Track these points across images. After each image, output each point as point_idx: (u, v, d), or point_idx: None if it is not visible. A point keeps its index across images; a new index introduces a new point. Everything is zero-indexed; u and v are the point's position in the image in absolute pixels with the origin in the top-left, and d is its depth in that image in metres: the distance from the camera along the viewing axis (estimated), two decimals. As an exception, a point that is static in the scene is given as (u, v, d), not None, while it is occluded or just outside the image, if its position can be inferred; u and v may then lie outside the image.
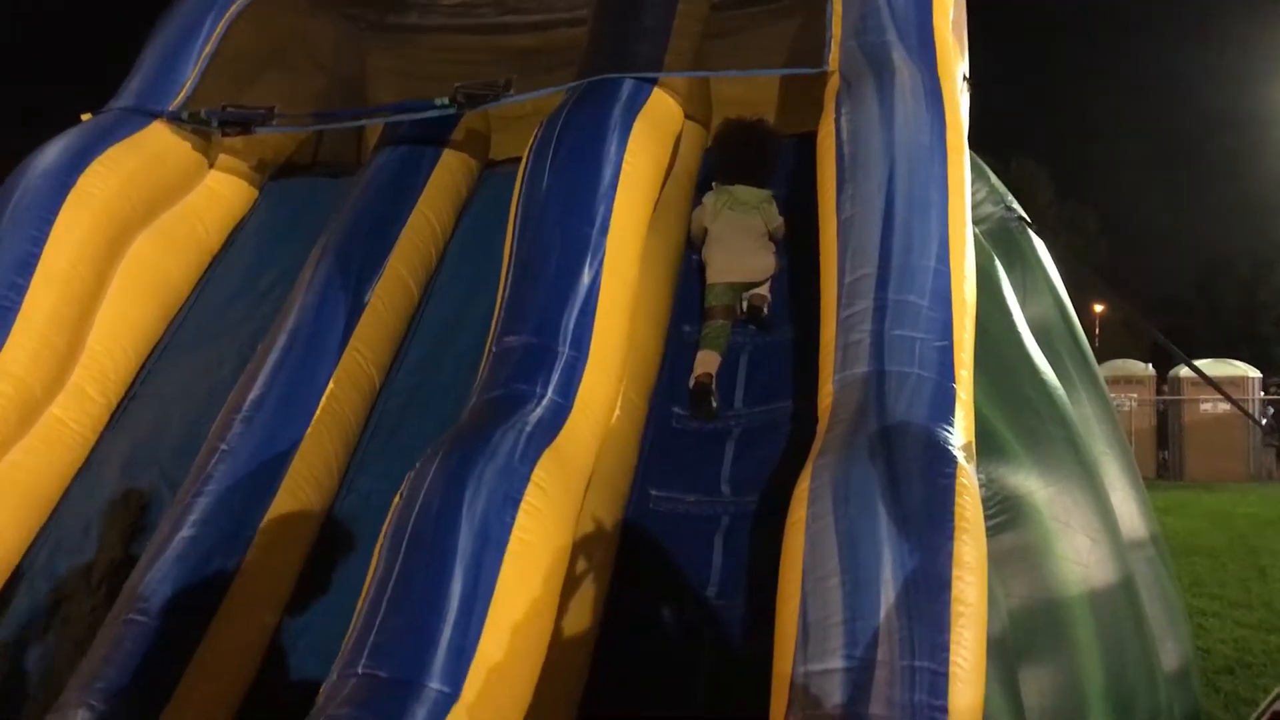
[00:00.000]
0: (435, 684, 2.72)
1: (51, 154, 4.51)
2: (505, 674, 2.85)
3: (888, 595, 2.73)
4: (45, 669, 3.74)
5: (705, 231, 4.50)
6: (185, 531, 3.57)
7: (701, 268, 4.48)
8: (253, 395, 3.93)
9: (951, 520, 2.86)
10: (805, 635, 2.75)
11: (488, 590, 2.88)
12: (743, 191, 4.51)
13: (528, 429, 3.27)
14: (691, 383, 4.13)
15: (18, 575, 4.00)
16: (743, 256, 4.39)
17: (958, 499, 2.92)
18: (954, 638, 2.67)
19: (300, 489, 3.81)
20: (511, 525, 3.00)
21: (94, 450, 4.33)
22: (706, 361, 4.17)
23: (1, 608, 3.92)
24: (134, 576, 3.55)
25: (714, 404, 4.09)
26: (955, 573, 2.77)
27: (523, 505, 3.04)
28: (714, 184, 4.59)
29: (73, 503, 4.20)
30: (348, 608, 3.18)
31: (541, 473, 3.15)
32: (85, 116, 4.89)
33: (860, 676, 2.64)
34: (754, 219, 4.45)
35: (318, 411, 3.96)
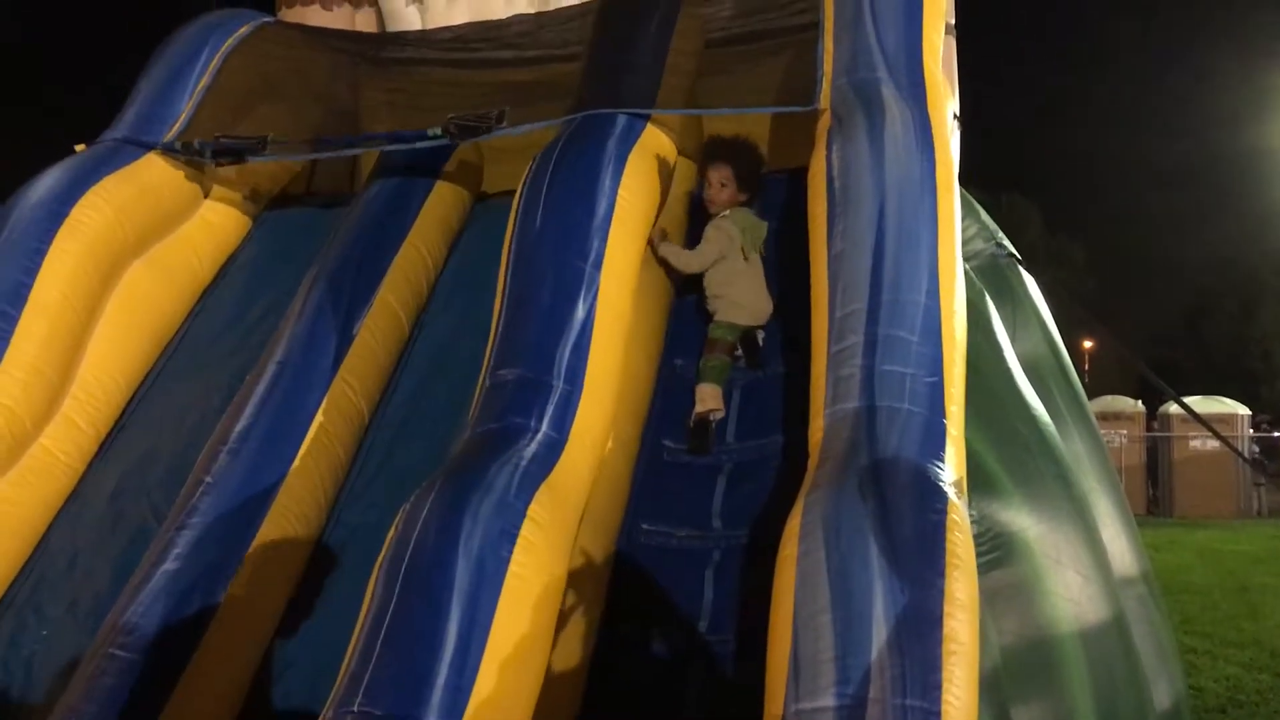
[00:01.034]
0: (434, 720, 2.70)
1: (45, 184, 4.51)
2: (501, 710, 2.83)
3: (879, 632, 2.72)
4: (27, 703, 3.70)
5: (717, 258, 4.36)
6: (168, 565, 3.54)
7: (699, 295, 4.42)
8: (239, 427, 3.91)
9: (943, 557, 2.86)
10: (796, 672, 2.74)
11: (484, 627, 2.86)
12: (758, 228, 4.42)
13: (523, 464, 3.27)
14: (694, 418, 4.08)
15: (2, 608, 3.97)
16: (760, 301, 4.33)
17: (949, 535, 2.91)
18: (946, 676, 2.66)
19: (287, 521, 3.78)
20: (508, 561, 2.99)
21: (82, 481, 4.31)
22: (712, 396, 4.10)
23: (-16, 640, 3.88)
24: (115, 610, 3.51)
25: (713, 439, 4.06)
26: (947, 610, 2.76)
27: (519, 540, 3.03)
28: (731, 210, 4.44)
29: (59, 534, 4.17)
30: (334, 641, 3.16)
31: (537, 508, 3.14)
32: (80, 147, 4.90)
33: (852, 714, 2.62)
34: (760, 262, 4.40)
35: (305, 443, 3.94)
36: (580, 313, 3.74)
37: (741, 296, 4.31)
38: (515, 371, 3.61)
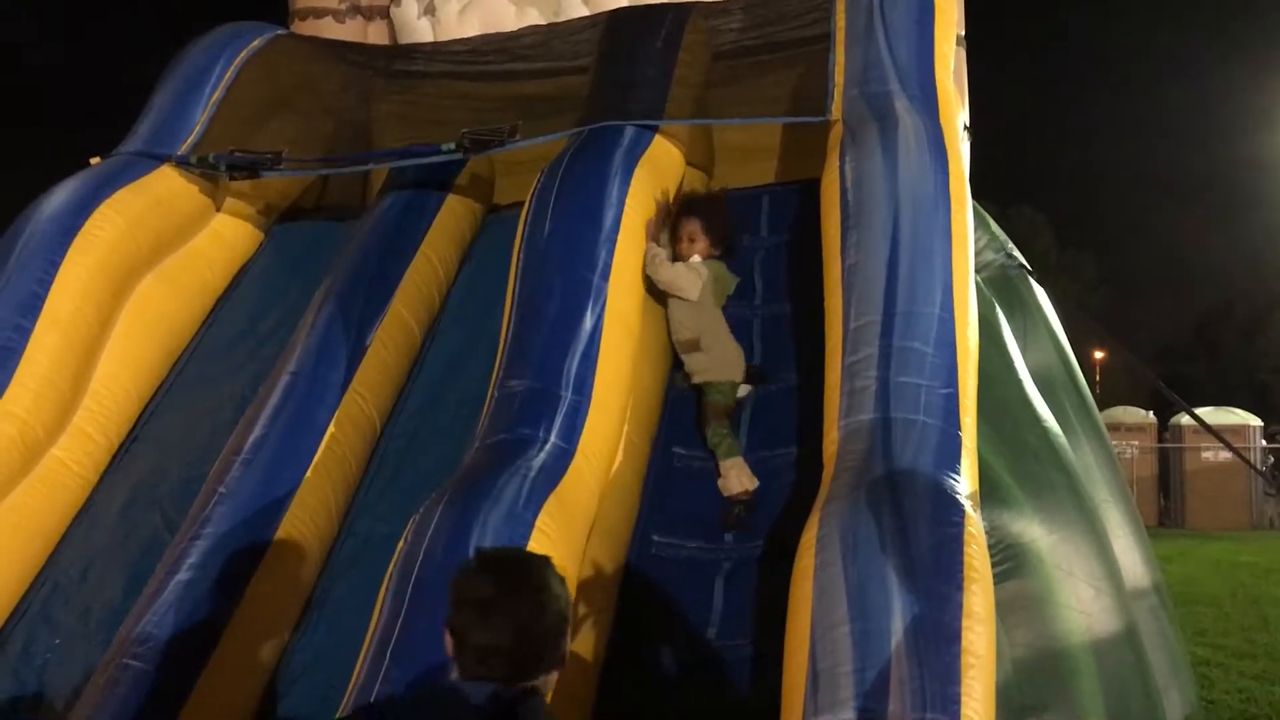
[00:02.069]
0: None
1: (59, 197, 4.54)
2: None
3: (897, 645, 2.72)
4: (40, 712, 3.70)
5: (697, 288, 4.21)
6: (182, 575, 3.54)
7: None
8: (253, 437, 3.92)
9: (960, 570, 2.86)
10: (815, 684, 2.74)
11: None
12: (728, 281, 4.33)
13: (531, 474, 3.27)
14: (737, 505, 3.87)
15: (16, 617, 3.97)
16: (739, 353, 4.21)
17: (966, 548, 2.91)
18: (965, 689, 2.66)
19: (299, 532, 3.79)
20: (517, 572, 2.98)
21: (95, 491, 4.32)
22: (740, 475, 3.89)
23: (-1, 650, 3.89)
24: (129, 620, 3.52)
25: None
26: (965, 623, 2.76)
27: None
28: (711, 259, 4.32)
29: (72, 544, 4.17)
30: (345, 651, 3.16)
31: (545, 518, 3.14)
32: (94, 160, 4.93)
33: (871, 727, 2.62)
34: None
35: (318, 454, 3.94)
36: (588, 323, 3.75)
37: (730, 351, 4.18)
38: (524, 382, 3.62)
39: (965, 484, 3.22)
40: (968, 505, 3.10)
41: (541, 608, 2.10)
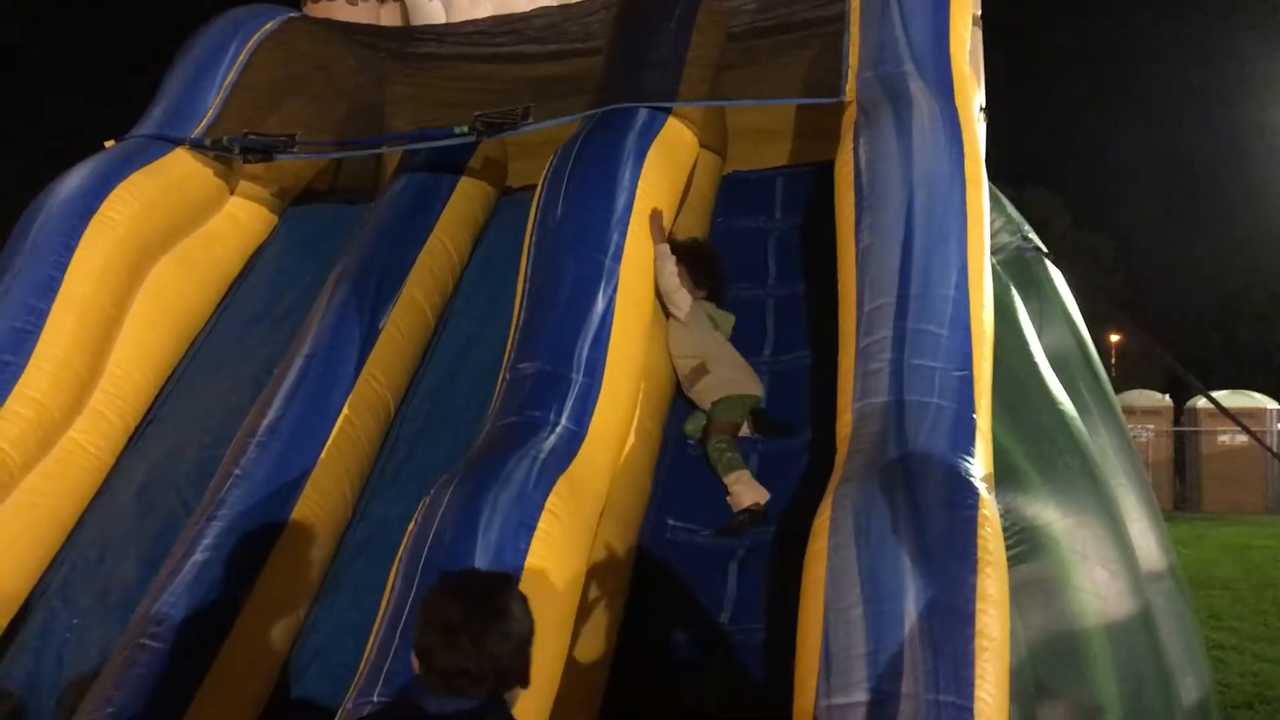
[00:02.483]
0: (452, 713, 2.71)
1: (74, 180, 4.55)
2: (521, 701, 2.84)
3: (911, 627, 2.72)
4: (59, 692, 3.74)
5: (690, 304, 4.20)
6: (198, 556, 3.57)
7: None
8: (267, 420, 3.94)
9: (975, 553, 2.85)
10: (828, 666, 2.74)
11: None
12: (724, 319, 4.31)
13: (541, 456, 3.28)
14: (745, 514, 3.83)
15: (34, 598, 4.01)
16: (753, 375, 4.20)
17: (980, 531, 2.91)
18: (978, 672, 2.66)
19: (314, 513, 3.81)
20: (525, 553, 3.00)
21: (111, 473, 4.34)
22: (747, 488, 3.86)
23: (18, 630, 3.92)
24: (146, 601, 3.55)
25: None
26: (979, 606, 2.75)
27: (537, 533, 3.05)
28: (700, 299, 4.30)
29: (89, 526, 4.21)
30: (360, 633, 3.18)
31: (556, 500, 3.15)
32: (109, 143, 4.94)
33: (884, 709, 2.63)
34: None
35: (332, 436, 3.96)
36: (600, 306, 3.74)
37: (739, 371, 4.15)
38: (535, 365, 3.63)
39: (979, 467, 3.21)
40: (982, 488, 3.09)
41: (505, 635, 2.19)
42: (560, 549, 3.10)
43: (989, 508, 3.01)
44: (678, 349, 4.22)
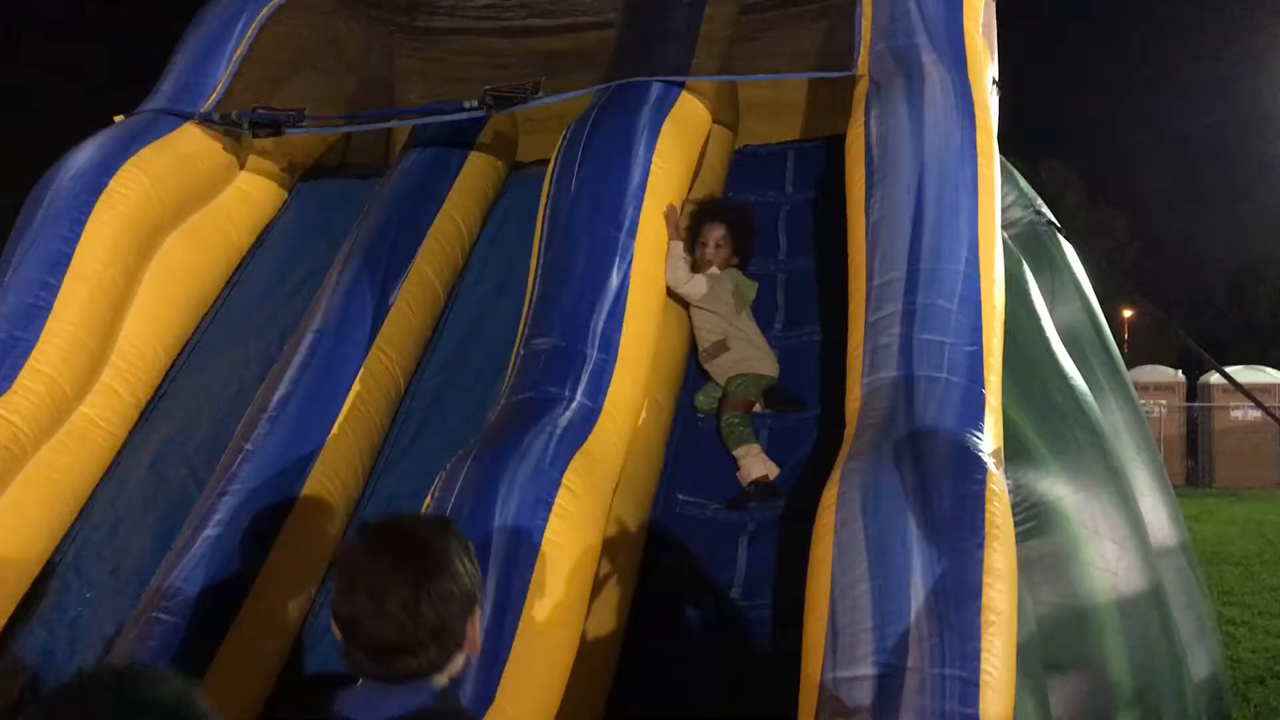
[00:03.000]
0: (469, 689, 2.73)
1: (83, 155, 4.54)
2: (537, 676, 2.86)
3: (917, 602, 2.72)
4: (71, 664, 3.76)
5: (702, 294, 4.16)
6: (210, 531, 3.58)
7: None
8: (278, 395, 3.95)
9: (982, 527, 2.84)
10: (834, 640, 2.74)
11: (520, 593, 2.88)
12: (749, 287, 4.28)
13: (558, 432, 3.28)
14: (753, 487, 3.85)
15: (47, 572, 4.03)
16: (770, 354, 4.19)
17: (988, 505, 2.90)
18: (985, 646, 2.66)
19: (325, 489, 3.82)
20: (543, 528, 3.01)
21: (123, 448, 4.36)
22: (755, 460, 3.87)
23: (30, 604, 3.95)
24: (159, 575, 3.57)
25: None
26: (986, 580, 2.75)
27: (554, 508, 3.05)
28: (724, 270, 4.27)
29: (101, 501, 4.23)
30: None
31: (572, 475, 3.15)
32: (118, 118, 4.93)
33: (890, 683, 2.63)
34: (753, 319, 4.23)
35: (343, 412, 3.96)
36: (614, 281, 3.73)
37: (759, 350, 4.14)
38: (550, 340, 3.62)
39: (988, 441, 3.20)
40: (990, 462, 3.08)
41: (447, 595, 1.83)
42: (577, 525, 3.11)
43: (997, 482, 3.01)
44: (701, 325, 4.22)
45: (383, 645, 1.81)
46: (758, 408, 4.13)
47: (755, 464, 3.87)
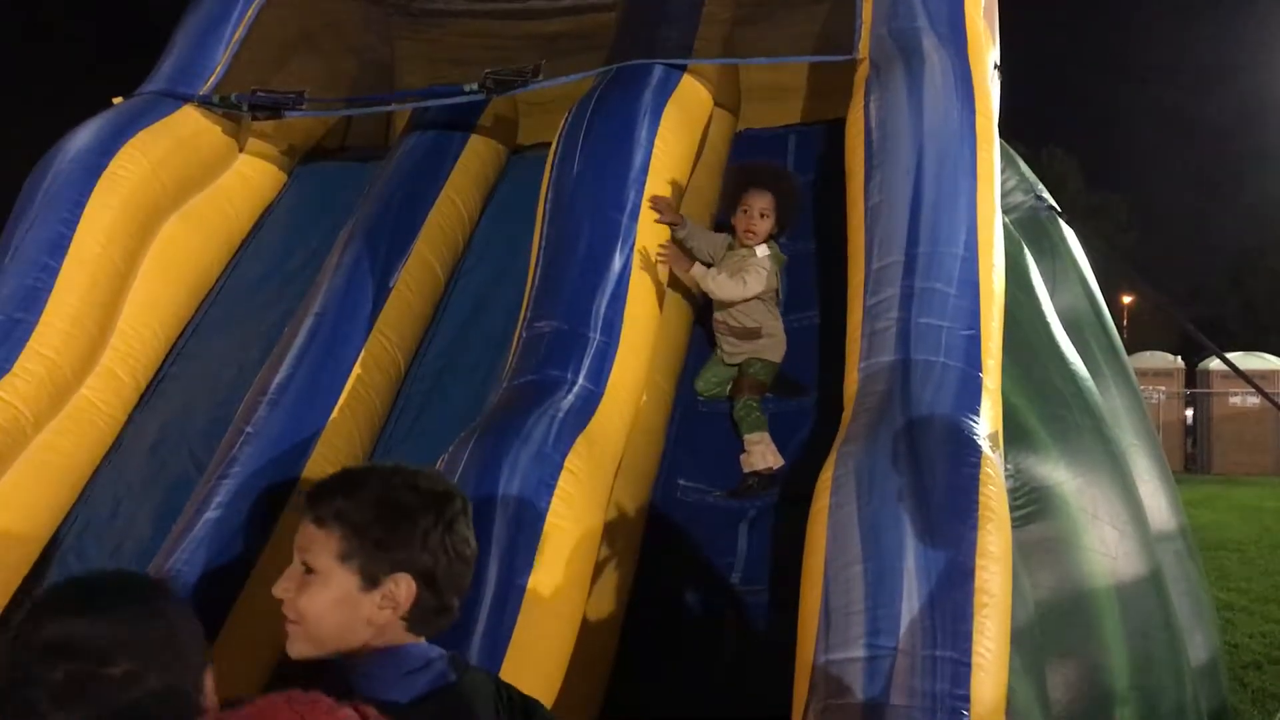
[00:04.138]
0: (471, 673, 2.73)
1: (83, 137, 4.53)
2: (538, 659, 2.86)
3: (910, 584, 2.72)
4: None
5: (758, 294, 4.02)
6: (210, 513, 3.58)
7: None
8: (278, 378, 3.94)
9: (975, 510, 2.85)
10: (827, 623, 2.75)
11: (523, 577, 2.88)
12: (782, 263, 4.16)
13: (560, 415, 3.28)
14: (753, 475, 3.82)
15: (47, 554, 4.04)
16: (784, 341, 4.12)
17: (982, 489, 2.90)
18: (977, 627, 2.66)
19: (325, 472, 3.76)
20: (546, 511, 3.01)
21: (123, 431, 4.36)
22: (764, 450, 3.83)
23: (31, 586, 3.96)
24: (159, 558, 3.56)
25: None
26: (979, 563, 2.75)
27: (556, 491, 3.05)
28: (769, 245, 4.10)
29: (102, 483, 4.23)
30: (373, 590, 3.19)
31: (575, 459, 3.15)
32: (116, 100, 4.92)
33: (882, 665, 2.63)
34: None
35: (343, 395, 3.96)
36: (616, 265, 3.73)
37: (781, 338, 4.09)
38: (552, 323, 3.62)
39: (985, 425, 3.20)
40: (986, 446, 3.08)
41: (471, 550, 1.82)
42: (579, 508, 3.11)
43: (992, 465, 3.01)
44: (741, 309, 4.05)
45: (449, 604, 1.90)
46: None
47: (764, 453, 3.84)
